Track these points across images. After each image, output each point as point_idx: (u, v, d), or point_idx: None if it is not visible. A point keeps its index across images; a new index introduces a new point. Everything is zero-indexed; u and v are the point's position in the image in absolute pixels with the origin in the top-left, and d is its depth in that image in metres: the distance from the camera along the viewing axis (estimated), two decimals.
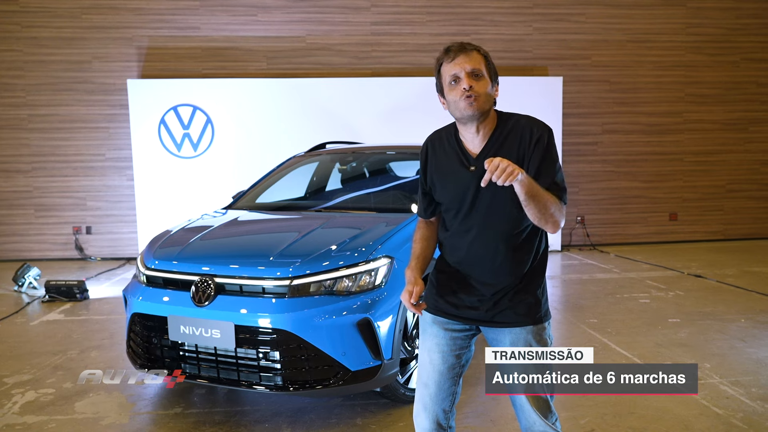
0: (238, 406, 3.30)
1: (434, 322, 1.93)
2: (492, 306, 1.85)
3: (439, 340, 1.91)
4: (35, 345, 4.48)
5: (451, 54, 1.78)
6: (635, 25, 8.96)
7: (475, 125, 1.81)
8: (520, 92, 8.44)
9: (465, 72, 1.75)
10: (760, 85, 9.31)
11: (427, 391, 1.92)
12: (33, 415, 3.20)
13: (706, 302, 5.41)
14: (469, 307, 1.88)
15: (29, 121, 8.26)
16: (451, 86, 1.79)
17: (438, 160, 1.92)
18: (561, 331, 4.67)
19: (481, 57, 1.79)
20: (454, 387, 1.93)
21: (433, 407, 1.90)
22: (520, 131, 1.82)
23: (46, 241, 8.44)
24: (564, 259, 8.05)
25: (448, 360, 1.90)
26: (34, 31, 8.16)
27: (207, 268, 3.02)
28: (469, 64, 1.76)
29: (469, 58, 1.76)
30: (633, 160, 9.13)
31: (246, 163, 8.13)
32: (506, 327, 1.86)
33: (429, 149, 1.96)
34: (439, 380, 1.90)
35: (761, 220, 9.52)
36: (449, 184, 1.88)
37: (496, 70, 1.85)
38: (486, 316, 1.87)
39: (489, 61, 1.82)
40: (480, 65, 1.77)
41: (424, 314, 1.96)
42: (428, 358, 1.93)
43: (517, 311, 1.84)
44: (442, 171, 1.90)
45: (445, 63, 1.80)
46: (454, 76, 1.77)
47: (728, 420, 2.99)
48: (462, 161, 1.85)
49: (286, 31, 8.50)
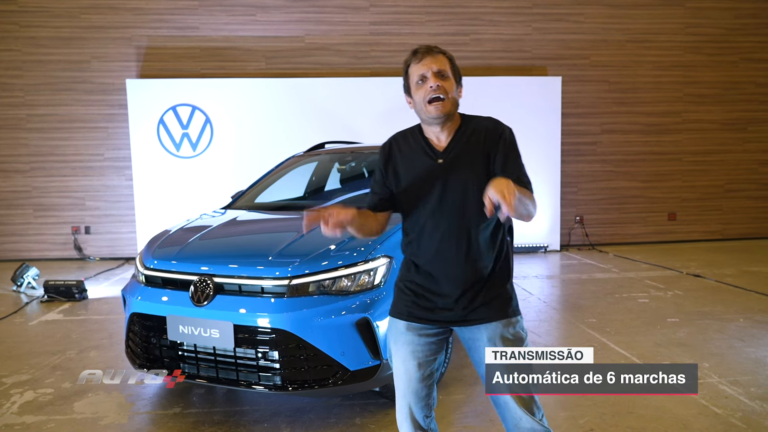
0: (237, 406, 3.30)
1: (408, 329, 1.92)
2: (467, 304, 1.87)
3: (414, 347, 1.91)
4: (34, 345, 4.47)
5: (419, 55, 1.86)
6: (634, 25, 8.96)
7: (440, 126, 1.89)
8: (519, 92, 8.46)
9: (432, 72, 1.83)
10: (759, 85, 9.32)
11: (405, 402, 1.92)
12: (32, 415, 3.19)
13: (705, 302, 5.42)
14: (443, 308, 1.89)
15: (28, 120, 8.25)
16: (417, 86, 1.86)
17: (402, 156, 1.95)
18: (560, 331, 4.67)
19: (447, 60, 1.88)
20: (431, 392, 1.94)
21: (413, 415, 1.91)
22: (484, 129, 1.90)
23: (45, 241, 8.43)
24: (563, 259, 8.05)
25: (423, 366, 1.90)
26: (33, 30, 8.15)
27: (206, 267, 3.02)
28: (436, 65, 1.84)
29: (435, 59, 1.85)
30: (632, 159, 9.14)
31: (245, 162, 8.12)
32: (482, 323, 1.87)
33: (393, 146, 2.00)
34: (417, 389, 1.90)
35: (760, 220, 9.53)
36: (416, 179, 1.90)
37: (460, 73, 1.93)
38: (461, 316, 1.88)
39: (454, 64, 1.90)
40: (446, 67, 1.86)
41: (396, 322, 1.95)
42: (404, 368, 1.92)
43: (490, 307, 1.87)
44: (408, 165, 1.93)
45: (413, 64, 1.87)
46: (421, 76, 1.85)
47: (727, 419, 2.99)
48: (429, 155, 1.90)
49: (284, 31, 8.50)
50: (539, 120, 8.46)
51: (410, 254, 1.96)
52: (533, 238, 8.62)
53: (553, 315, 5.14)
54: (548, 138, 8.55)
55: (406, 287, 1.96)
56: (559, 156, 8.62)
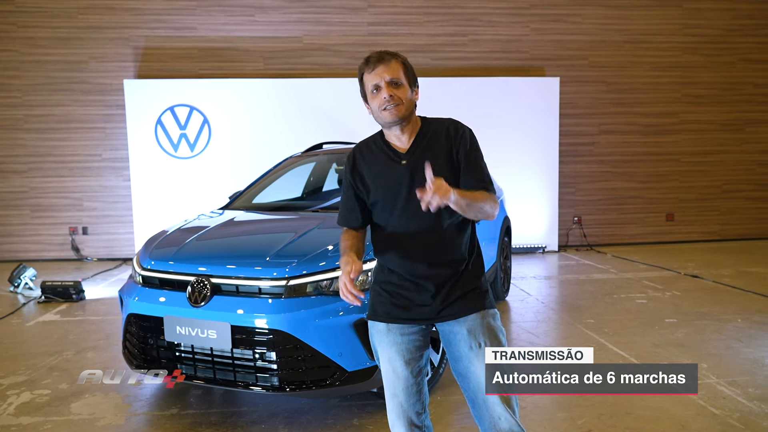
0: (234, 407, 3.29)
1: (389, 331, 1.93)
2: (443, 299, 1.89)
3: (399, 347, 1.92)
4: (31, 346, 4.46)
5: (371, 65, 1.87)
6: (632, 25, 8.98)
7: (399, 128, 1.91)
8: (517, 93, 8.46)
9: (384, 81, 1.85)
10: (757, 85, 9.33)
11: (397, 401, 1.92)
12: (28, 416, 3.18)
13: (703, 302, 5.42)
14: (420, 305, 1.90)
15: (25, 121, 8.24)
16: (373, 94, 1.88)
17: (367, 163, 1.97)
18: (558, 331, 4.67)
19: (400, 65, 1.89)
20: (421, 388, 1.94)
21: (406, 414, 1.92)
22: (445, 129, 1.93)
23: (43, 241, 8.41)
24: (561, 260, 8.05)
25: (411, 364, 1.91)
26: (31, 31, 8.14)
27: (203, 268, 3.01)
28: (388, 74, 1.85)
29: (387, 67, 1.86)
30: (630, 160, 9.15)
31: (243, 163, 8.11)
32: (459, 317, 1.88)
33: (357, 155, 2.01)
34: (406, 387, 1.91)
35: (758, 221, 9.54)
36: (383, 182, 1.93)
37: (414, 75, 1.95)
38: (437, 311, 1.89)
39: (408, 67, 1.91)
40: (398, 74, 1.87)
41: (376, 324, 1.96)
42: (390, 367, 1.93)
43: (466, 300, 1.89)
44: (374, 171, 1.95)
45: (366, 73, 1.89)
46: (375, 86, 1.87)
47: (725, 420, 2.99)
48: (392, 158, 1.93)
49: (283, 31, 8.49)
50: (537, 120, 8.47)
51: (382, 256, 1.97)
52: (531, 239, 8.63)
53: (551, 316, 5.14)
54: (546, 138, 8.55)
55: (382, 288, 1.96)
56: (557, 156, 8.62)
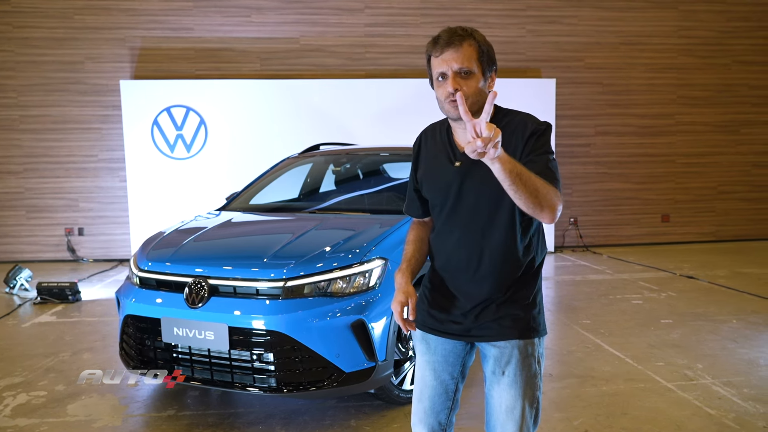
0: (231, 408, 3.29)
1: (423, 339, 1.83)
2: (475, 318, 1.72)
3: (429, 357, 1.81)
4: (27, 347, 4.44)
5: (439, 47, 1.61)
6: (627, 27, 9.01)
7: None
8: (514, 94, 8.46)
9: (452, 71, 1.59)
10: (752, 87, 9.38)
11: (421, 406, 1.85)
12: (25, 417, 3.17)
13: (699, 303, 5.44)
14: (453, 321, 1.75)
15: (21, 121, 8.21)
16: (438, 82, 1.63)
17: (428, 153, 1.81)
18: (554, 332, 4.68)
19: (473, 49, 1.61)
20: (449, 402, 1.83)
21: (429, 420, 1.85)
22: (515, 126, 1.66)
23: (38, 242, 8.38)
24: (557, 261, 8.08)
25: (440, 377, 1.80)
26: (26, 31, 8.12)
27: (200, 269, 3.01)
28: (457, 62, 1.59)
29: (457, 53, 1.59)
30: (625, 161, 9.18)
31: (239, 164, 8.11)
32: (490, 341, 1.72)
33: (422, 141, 1.86)
34: (432, 395, 1.82)
35: (752, 222, 9.59)
36: (435, 178, 1.77)
37: (491, 57, 1.66)
38: (468, 330, 1.74)
39: (482, 51, 1.63)
40: (469, 61, 1.60)
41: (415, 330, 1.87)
42: (420, 374, 1.85)
43: (501, 324, 1.70)
44: (430, 164, 1.80)
45: (433, 56, 1.63)
46: (441, 73, 1.61)
47: (720, 420, 3.01)
48: (449, 155, 1.73)
49: (279, 32, 8.49)
50: None
51: (432, 256, 1.85)
52: None
53: (548, 316, 5.15)
54: None
55: (424, 294, 1.85)
56: None
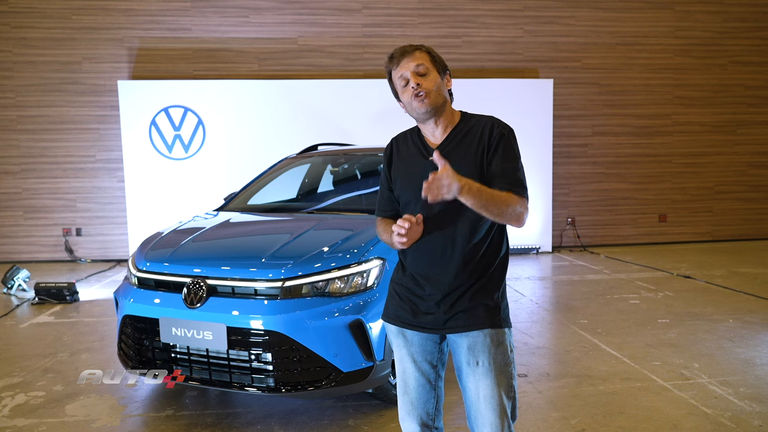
0: (230, 408, 3.30)
1: (399, 333, 1.91)
2: (447, 309, 1.80)
3: (408, 349, 1.89)
4: (25, 348, 4.44)
5: (395, 59, 1.85)
6: (624, 28, 9.04)
7: (433, 120, 1.86)
8: (511, 95, 8.50)
9: (411, 72, 1.81)
10: (748, 87, 9.41)
11: (408, 398, 1.91)
12: (23, 418, 3.18)
13: (695, 303, 5.47)
14: (426, 312, 1.83)
15: (18, 122, 8.20)
16: (402, 89, 1.86)
17: (401, 155, 1.95)
18: (552, 332, 4.70)
19: (424, 54, 1.85)
20: (434, 391, 1.91)
21: (416, 411, 1.90)
22: (482, 127, 1.85)
23: (36, 243, 8.37)
24: (554, 261, 8.09)
25: (421, 367, 1.88)
26: (24, 31, 8.11)
27: (199, 269, 3.01)
28: (413, 63, 1.82)
29: (412, 58, 1.83)
30: (622, 161, 9.21)
31: (238, 164, 8.11)
32: (462, 331, 1.79)
33: (393, 146, 2.00)
34: (417, 386, 1.89)
35: (749, 222, 9.62)
36: (409, 173, 1.89)
37: (443, 62, 1.89)
38: (441, 321, 1.81)
39: (433, 56, 1.87)
40: (424, 61, 1.83)
41: (389, 326, 1.94)
42: (401, 367, 1.92)
43: (473, 313, 1.78)
44: (404, 164, 1.93)
45: (393, 70, 1.87)
46: (403, 79, 1.84)
47: (717, 419, 3.02)
48: (422, 152, 1.89)
49: (277, 32, 8.50)
50: (531, 122, 8.51)
51: (402, 254, 1.94)
52: (525, 240, 8.66)
53: (545, 316, 5.16)
54: (540, 140, 8.59)
55: (395, 290, 1.95)
56: (550, 158, 8.67)
